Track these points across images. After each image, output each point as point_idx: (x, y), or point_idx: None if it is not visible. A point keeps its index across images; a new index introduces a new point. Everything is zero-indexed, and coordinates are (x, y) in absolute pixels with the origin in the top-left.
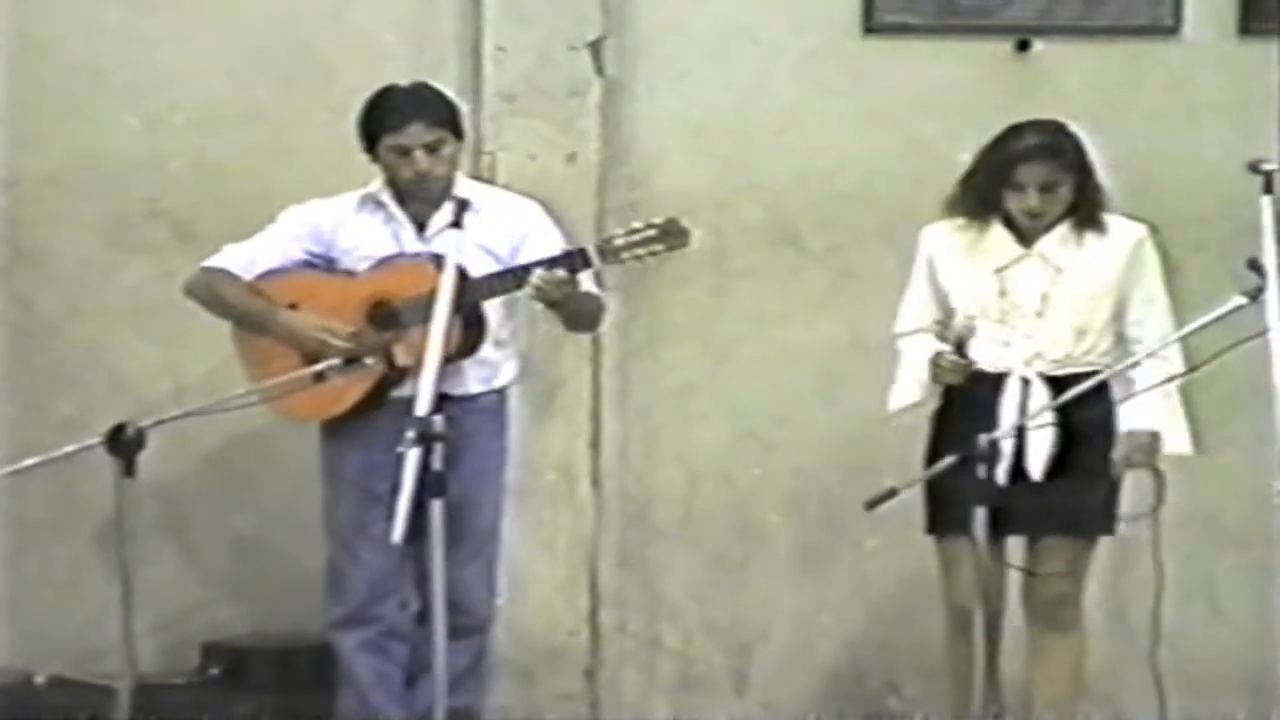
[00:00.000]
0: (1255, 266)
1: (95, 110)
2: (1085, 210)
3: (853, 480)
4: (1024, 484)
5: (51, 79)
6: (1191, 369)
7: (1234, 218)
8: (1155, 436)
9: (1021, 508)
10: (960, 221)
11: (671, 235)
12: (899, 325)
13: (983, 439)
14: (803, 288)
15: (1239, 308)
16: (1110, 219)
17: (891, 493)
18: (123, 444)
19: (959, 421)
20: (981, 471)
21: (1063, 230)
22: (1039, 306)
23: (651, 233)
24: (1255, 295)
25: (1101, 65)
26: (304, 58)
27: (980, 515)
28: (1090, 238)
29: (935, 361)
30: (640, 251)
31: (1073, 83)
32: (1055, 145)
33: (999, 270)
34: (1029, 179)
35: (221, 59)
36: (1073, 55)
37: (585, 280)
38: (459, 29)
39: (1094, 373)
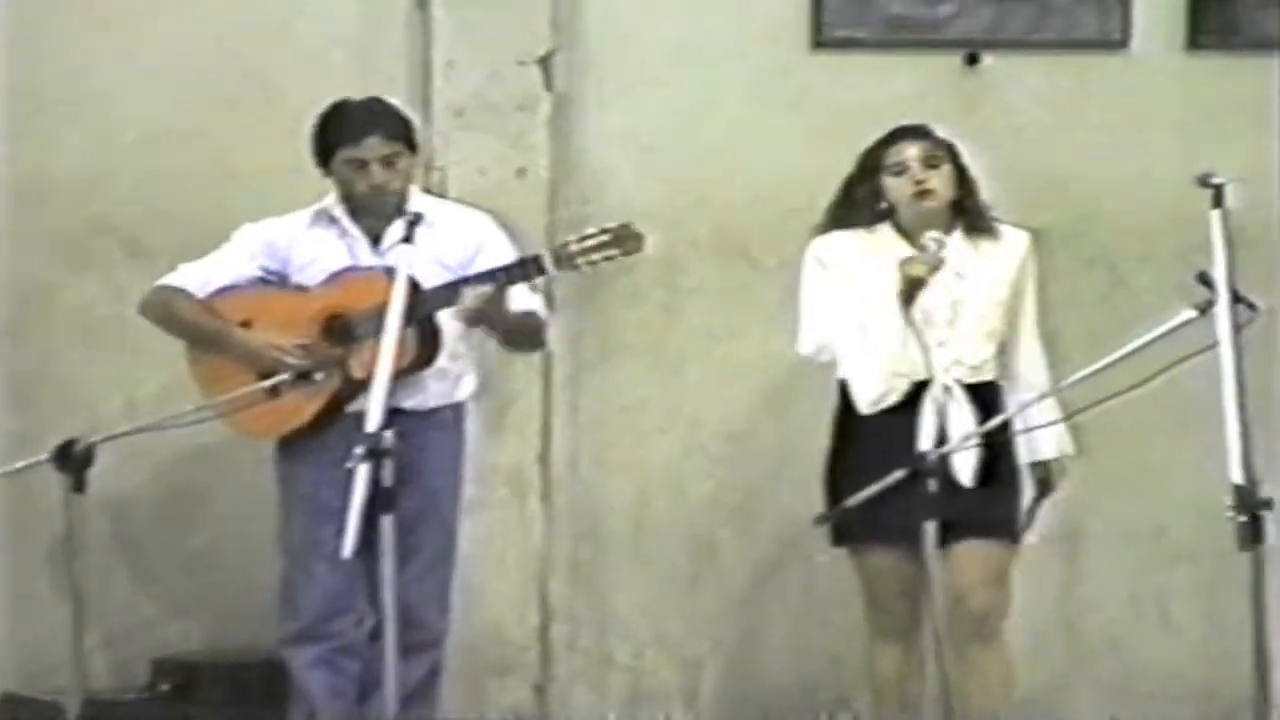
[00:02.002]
0: (1205, 280)
1: (41, 128)
2: (972, 217)
3: (803, 495)
4: (951, 491)
5: None
6: (1139, 383)
7: (1181, 231)
8: (1059, 462)
9: (950, 515)
10: (852, 232)
11: (626, 240)
12: (817, 337)
13: (934, 453)
14: (753, 303)
15: (1188, 321)
16: (999, 226)
17: (842, 508)
18: (72, 460)
19: (870, 431)
20: (933, 485)
21: (956, 237)
22: (950, 314)
23: (606, 237)
24: (1205, 309)
25: (1050, 78)
26: (250, 74)
27: (930, 529)
28: (985, 244)
29: (907, 263)
30: (595, 257)
31: (1021, 96)
32: (923, 127)
33: None
34: (907, 155)
35: (168, 76)
36: (1021, 68)
37: (528, 299)
38: (408, 44)
39: (994, 382)
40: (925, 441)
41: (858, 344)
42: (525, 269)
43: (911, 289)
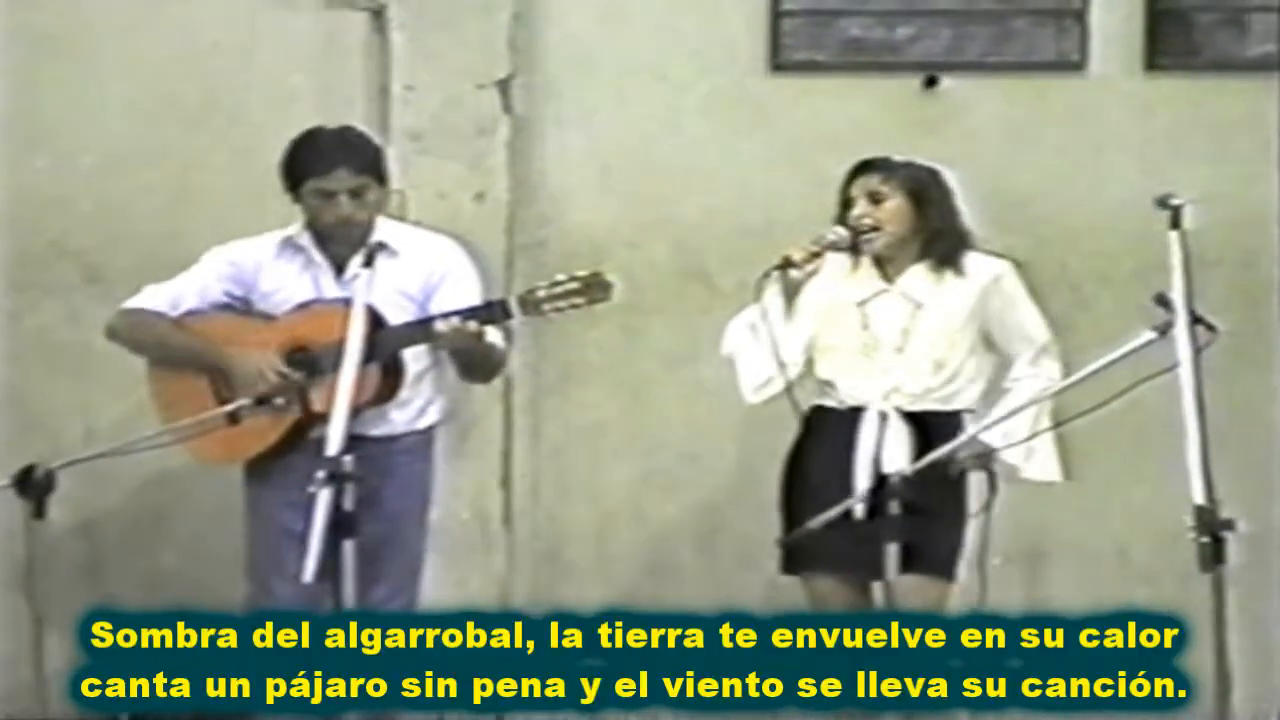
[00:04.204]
0: (1164, 301)
1: (1, 152)
2: (942, 248)
3: (765, 517)
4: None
5: None
6: (1100, 404)
7: (1140, 252)
8: (988, 449)
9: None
10: (837, 255)
11: (594, 288)
12: (730, 337)
13: (895, 478)
14: (713, 325)
15: (1148, 343)
16: (971, 257)
17: (804, 530)
18: (32, 485)
19: (815, 456)
20: (895, 508)
21: (922, 268)
22: (899, 342)
23: (574, 285)
24: (1164, 330)
25: (1008, 101)
26: (210, 98)
27: (893, 552)
28: (949, 275)
29: (789, 255)
30: (562, 304)
31: (979, 118)
32: (884, 162)
33: (861, 304)
34: (856, 192)
35: (127, 100)
36: (979, 91)
37: (491, 331)
38: (366, 69)
39: (954, 412)
40: (861, 467)
41: (749, 335)
42: (491, 313)
43: (784, 271)
